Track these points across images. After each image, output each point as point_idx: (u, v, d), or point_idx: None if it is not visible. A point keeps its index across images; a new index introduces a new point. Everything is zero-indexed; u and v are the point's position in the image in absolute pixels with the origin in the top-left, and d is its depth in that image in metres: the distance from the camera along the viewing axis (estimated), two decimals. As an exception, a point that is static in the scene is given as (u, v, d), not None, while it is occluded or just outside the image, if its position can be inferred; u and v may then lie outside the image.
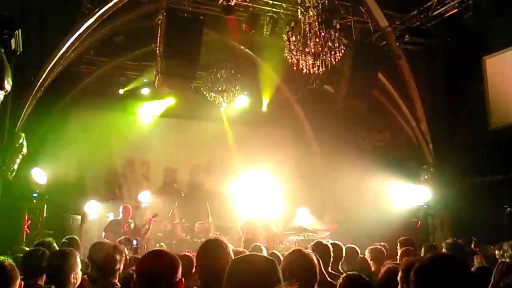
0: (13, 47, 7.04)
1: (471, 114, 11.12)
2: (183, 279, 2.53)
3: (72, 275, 3.74)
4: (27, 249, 5.52)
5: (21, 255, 4.85)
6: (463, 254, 5.84)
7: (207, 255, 3.07)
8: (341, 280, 3.55)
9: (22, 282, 3.20)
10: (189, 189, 14.38)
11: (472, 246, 7.13)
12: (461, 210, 10.70)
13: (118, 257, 4.20)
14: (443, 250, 6.31)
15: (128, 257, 4.93)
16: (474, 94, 10.97)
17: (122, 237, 7.78)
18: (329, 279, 4.28)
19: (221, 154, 15.00)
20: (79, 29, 9.23)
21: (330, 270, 4.79)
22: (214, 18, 10.68)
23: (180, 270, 2.53)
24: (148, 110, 14.41)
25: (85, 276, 4.29)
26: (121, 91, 13.75)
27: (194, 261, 3.30)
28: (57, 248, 5.17)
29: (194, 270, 3.25)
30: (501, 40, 10.37)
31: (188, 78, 10.38)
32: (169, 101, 14.37)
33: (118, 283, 4.05)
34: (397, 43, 10.37)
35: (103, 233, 10.02)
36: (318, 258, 3.99)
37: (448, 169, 11.30)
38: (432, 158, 11.74)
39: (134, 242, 8.98)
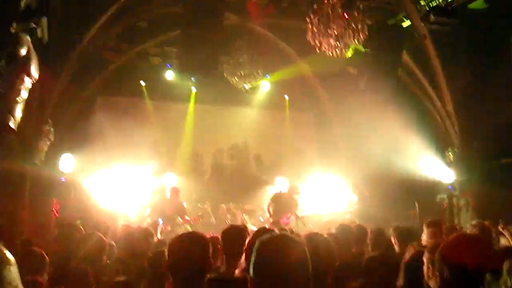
0: (39, 36, 7.16)
1: (497, 95, 10.90)
2: (212, 261, 2.59)
3: (104, 257, 3.89)
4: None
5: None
6: (489, 235, 5.78)
7: (230, 240, 3.15)
8: (366, 261, 3.58)
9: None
10: (213, 172, 14.49)
11: (500, 227, 7.06)
12: (487, 191, 10.57)
13: (149, 240, 4.33)
14: (469, 231, 6.25)
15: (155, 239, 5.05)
16: (500, 74, 10.74)
17: (149, 220, 7.94)
18: (352, 260, 4.31)
19: (245, 137, 15.05)
20: (103, 16, 9.33)
21: (353, 251, 4.83)
22: (235, 1, 10.65)
23: (210, 252, 2.59)
24: (172, 95, 14.52)
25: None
26: (143, 83, 13.91)
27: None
28: (83, 231, 5.31)
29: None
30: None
31: (211, 63, 10.40)
32: (193, 86, 14.47)
33: (146, 264, 4.16)
34: (422, 23, 10.19)
35: (148, 210, 10.23)
36: (340, 240, 4.02)
37: (474, 151, 11.15)
38: (457, 139, 11.58)
39: (160, 221, 9.10)
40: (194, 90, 14.59)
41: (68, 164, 10.32)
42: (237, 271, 3.10)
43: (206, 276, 2.55)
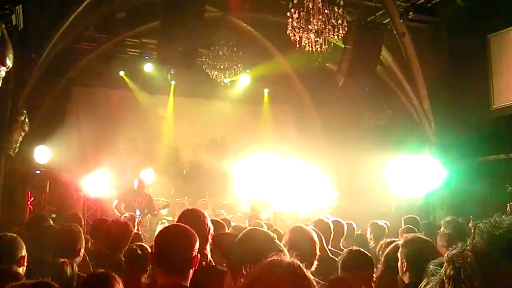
0: (14, 23, 7.00)
1: (474, 93, 11.06)
2: (198, 255, 2.57)
3: (81, 251, 3.83)
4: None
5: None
6: (461, 232, 5.88)
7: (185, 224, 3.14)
8: (343, 255, 3.59)
9: (25, 255, 3.24)
10: (191, 167, 14.41)
11: (470, 225, 7.19)
12: (462, 189, 10.72)
13: (128, 234, 4.28)
14: (442, 228, 6.37)
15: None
16: (477, 72, 10.89)
17: (127, 214, 7.86)
18: (330, 255, 4.33)
19: (223, 132, 15.01)
20: (80, 5, 9.15)
21: (330, 247, 4.85)
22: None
23: (197, 245, 2.58)
24: (150, 88, 14.37)
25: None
26: (122, 73, 13.73)
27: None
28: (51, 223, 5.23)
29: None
30: (506, 18, 10.25)
31: (190, 55, 10.32)
32: (171, 79, 14.35)
33: (123, 258, 4.10)
34: (401, 21, 10.27)
35: (115, 201, 10.10)
36: (320, 234, 4.03)
37: (450, 148, 11.30)
38: (434, 137, 11.72)
39: (137, 212, 9.01)
40: (173, 83, 14.48)
41: (43, 156, 10.13)
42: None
43: (192, 269, 2.55)
